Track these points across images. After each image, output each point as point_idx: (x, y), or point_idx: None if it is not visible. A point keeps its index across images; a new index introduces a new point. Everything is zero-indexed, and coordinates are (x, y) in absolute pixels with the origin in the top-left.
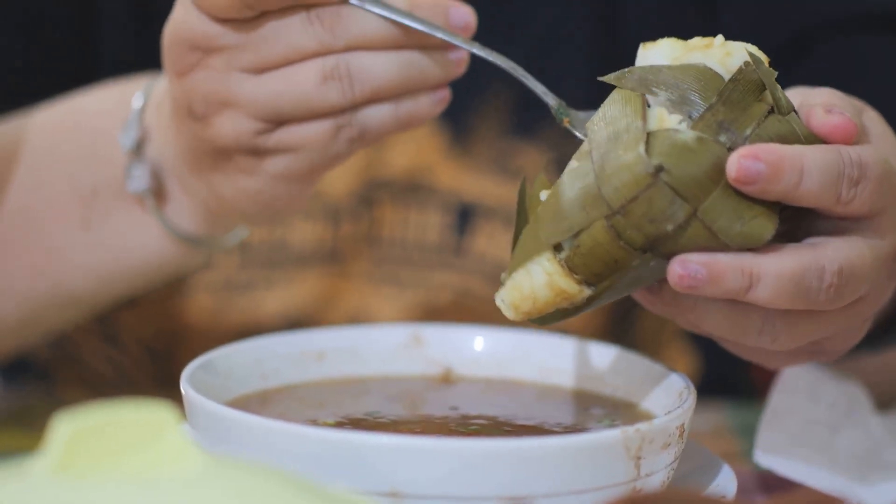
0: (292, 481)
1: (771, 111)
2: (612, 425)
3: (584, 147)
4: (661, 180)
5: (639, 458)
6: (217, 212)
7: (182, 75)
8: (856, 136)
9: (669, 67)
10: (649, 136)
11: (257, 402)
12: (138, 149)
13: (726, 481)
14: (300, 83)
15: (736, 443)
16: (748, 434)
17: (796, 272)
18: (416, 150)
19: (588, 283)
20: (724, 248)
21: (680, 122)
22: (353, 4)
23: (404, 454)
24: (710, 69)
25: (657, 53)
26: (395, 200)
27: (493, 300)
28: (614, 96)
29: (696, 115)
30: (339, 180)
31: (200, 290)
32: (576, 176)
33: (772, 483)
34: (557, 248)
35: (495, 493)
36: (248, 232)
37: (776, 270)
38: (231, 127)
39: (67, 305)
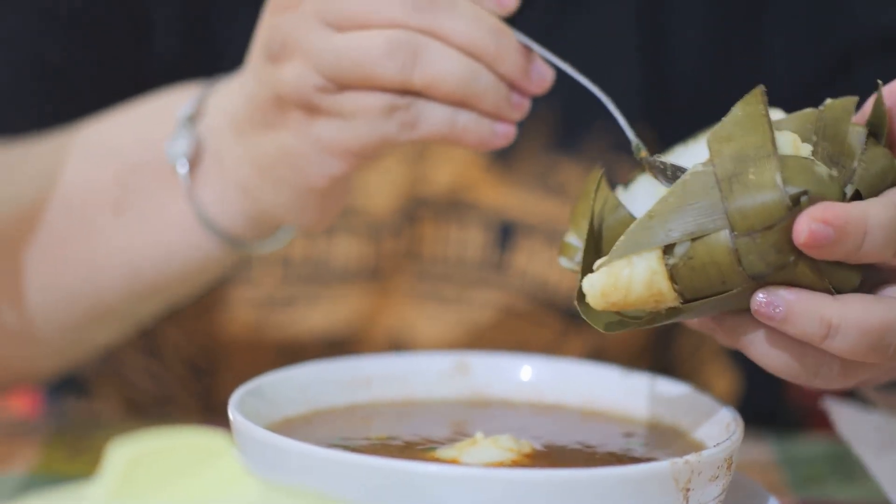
0: None
1: (869, 134)
2: (660, 456)
3: (706, 157)
4: (800, 210)
5: (687, 490)
6: (249, 188)
7: (276, 12)
8: None
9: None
10: (784, 163)
11: (303, 426)
12: (189, 121)
13: None
14: (366, 45)
15: (780, 474)
16: (792, 465)
17: (881, 329)
18: (458, 167)
19: (681, 296)
20: (826, 290)
21: (812, 153)
22: None
23: (453, 483)
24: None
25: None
26: (436, 217)
27: (534, 315)
28: (736, 112)
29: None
30: (382, 197)
31: (242, 305)
32: (701, 180)
33: None
34: (668, 251)
35: None
36: (271, 245)
37: (860, 324)
38: (296, 75)
39: (104, 305)
